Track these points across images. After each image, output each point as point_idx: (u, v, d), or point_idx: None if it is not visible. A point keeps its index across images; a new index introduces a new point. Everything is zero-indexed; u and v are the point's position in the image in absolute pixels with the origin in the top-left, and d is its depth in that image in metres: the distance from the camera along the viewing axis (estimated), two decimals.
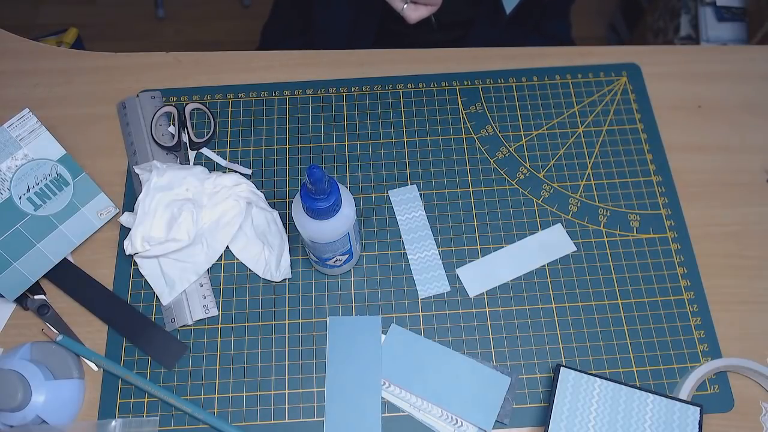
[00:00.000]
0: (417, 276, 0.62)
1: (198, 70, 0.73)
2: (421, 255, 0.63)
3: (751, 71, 0.73)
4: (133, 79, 0.72)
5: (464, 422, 0.56)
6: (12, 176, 0.59)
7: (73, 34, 1.47)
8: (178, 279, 0.61)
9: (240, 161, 0.68)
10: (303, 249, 0.63)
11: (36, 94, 0.72)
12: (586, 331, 0.59)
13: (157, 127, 0.68)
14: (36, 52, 0.75)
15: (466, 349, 0.59)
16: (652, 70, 0.72)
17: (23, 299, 0.61)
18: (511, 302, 0.61)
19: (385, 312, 0.60)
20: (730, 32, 1.33)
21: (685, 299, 0.61)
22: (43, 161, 0.61)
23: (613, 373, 0.58)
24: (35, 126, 0.60)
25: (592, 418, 0.53)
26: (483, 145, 0.68)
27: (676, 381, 0.57)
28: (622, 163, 0.67)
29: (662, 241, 0.63)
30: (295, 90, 0.72)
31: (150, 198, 0.61)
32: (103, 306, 0.61)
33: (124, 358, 0.59)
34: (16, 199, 0.59)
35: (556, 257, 0.62)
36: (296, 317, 0.60)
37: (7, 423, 0.54)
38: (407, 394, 0.57)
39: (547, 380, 0.58)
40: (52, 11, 1.80)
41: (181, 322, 0.60)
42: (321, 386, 0.58)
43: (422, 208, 0.65)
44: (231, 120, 0.70)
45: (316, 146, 0.68)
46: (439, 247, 0.63)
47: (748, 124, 0.70)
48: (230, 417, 0.57)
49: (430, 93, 0.71)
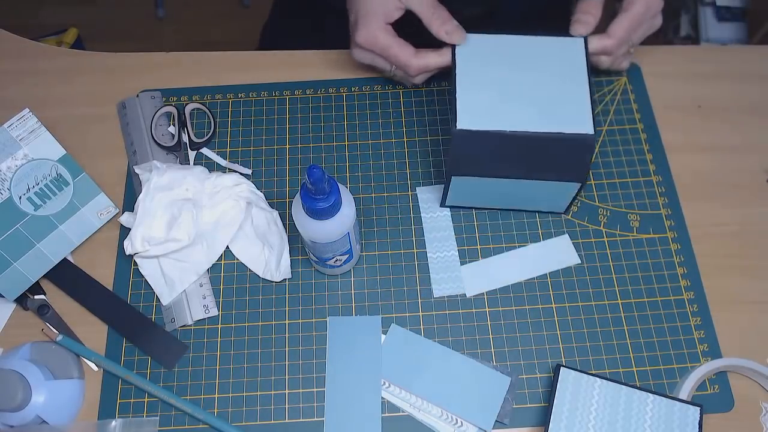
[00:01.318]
0: (434, 275, 0.62)
1: (198, 70, 0.73)
2: (441, 254, 0.63)
3: (751, 71, 0.73)
4: (133, 79, 0.72)
5: (464, 422, 0.56)
6: (12, 176, 0.59)
7: (73, 34, 1.47)
8: (178, 279, 0.61)
9: (240, 161, 0.68)
10: (303, 249, 0.63)
11: (36, 94, 0.72)
12: (586, 331, 0.59)
13: (157, 127, 0.69)
14: (36, 52, 0.75)
15: (466, 349, 0.59)
16: (652, 70, 0.72)
17: (23, 299, 0.61)
18: (511, 302, 0.61)
19: (385, 312, 0.60)
20: (730, 32, 1.33)
21: (685, 299, 0.61)
22: (43, 161, 0.61)
23: (613, 373, 0.58)
24: (35, 126, 0.60)
25: (592, 418, 0.53)
26: None
27: (676, 381, 0.57)
28: (622, 163, 0.67)
29: (662, 241, 0.63)
30: (295, 90, 0.72)
31: (150, 198, 0.61)
32: (103, 306, 0.61)
33: (124, 358, 0.59)
34: (16, 199, 0.59)
35: (559, 267, 0.62)
36: (296, 317, 0.60)
37: (7, 423, 0.54)
38: (407, 394, 0.57)
39: (547, 380, 0.58)
40: (52, 11, 1.81)
41: (181, 322, 0.60)
42: (321, 386, 0.58)
43: (448, 209, 0.65)
44: (231, 120, 0.70)
45: (316, 146, 0.68)
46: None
47: (748, 124, 0.70)
48: (230, 417, 0.57)
49: (431, 93, 0.71)
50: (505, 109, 0.56)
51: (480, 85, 0.57)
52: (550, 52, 0.59)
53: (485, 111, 0.56)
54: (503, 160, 0.56)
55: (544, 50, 0.59)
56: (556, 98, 0.57)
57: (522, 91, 0.57)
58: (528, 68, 0.58)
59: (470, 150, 0.56)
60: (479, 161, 0.57)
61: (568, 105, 0.57)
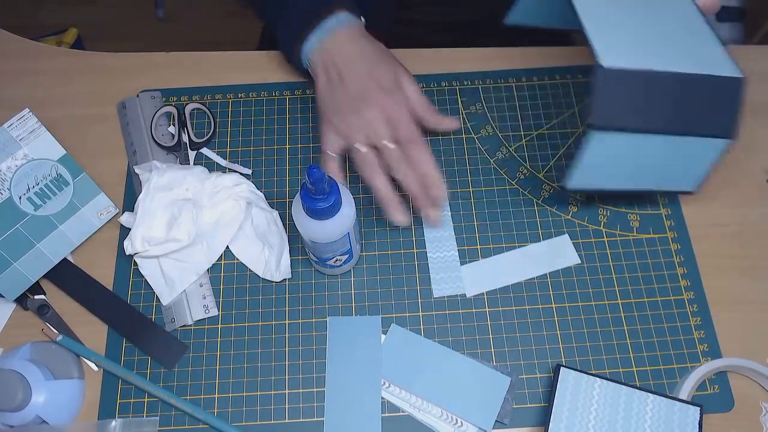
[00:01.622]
0: (434, 275, 0.62)
1: (198, 70, 0.73)
2: (441, 254, 0.63)
3: (751, 71, 0.73)
4: (133, 79, 0.72)
5: (464, 422, 0.56)
6: (12, 176, 0.59)
7: (73, 34, 1.47)
8: (178, 279, 0.61)
9: (240, 161, 0.68)
10: (303, 249, 0.63)
11: (36, 94, 0.72)
12: (586, 331, 0.59)
13: (157, 127, 0.68)
14: (36, 52, 0.75)
15: (466, 349, 0.59)
16: None
17: (23, 299, 0.61)
18: (511, 302, 0.61)
19: (385, 312, 0.60)
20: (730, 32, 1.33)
21: (685, 299, 0.61)
22: (43, 161, 0.61)
23: (613, 373, 0.58)
24: (35, 126, 0.60)
25: (592, 418, 0.53)
26: (483, 145, 0.68)
27: (676, 381, 0.57)
28: None
29: (662, 241, 0.63)
30: (295, 90, 0.72)
31: (150, 198, 0.61)
32: (103, 306, 0.61)
33: (124, 358, 0.59)
34: (16, 199, 0.59)
35: (559, 268, 0.62)
36: (296, 317, 0.60)
37: (7, 423, 0.54)
38: (407, 394, 0.57)
39: (547, 380, 0.58)
40: (52, 11, 1.80)
41: (181, 322, 0.60)
42: (321, 386, 0.58)
43: (448, 207, 0.65)
44: (231, 120, 0.70)
45: (316, 146, 0.68)
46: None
47: (748, 124, 0.69)
48: (230, 417, 0.57)
49: (430, 93, 0.71)
50: (643, 48, 0.48)
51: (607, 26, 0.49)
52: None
53: (624, 50, 0.48)
54: (649, 111, 0.48)
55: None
56: (689, 42, 0.49)
57: (652, 33, 0.49)
58: (648, 13, 0.51)
59: (617, 96, 0.47)
60: (626, 111, 0.48)
61: (704, 48, 0.49)
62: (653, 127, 0.48)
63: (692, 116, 0.49)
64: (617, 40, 0.49)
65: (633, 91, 0.48)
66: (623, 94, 0.48)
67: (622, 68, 0.47)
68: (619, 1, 0.51)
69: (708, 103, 0.49)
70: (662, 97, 0.48)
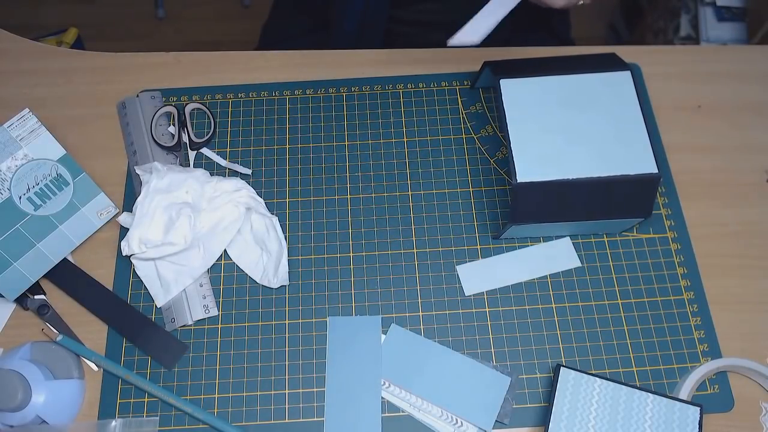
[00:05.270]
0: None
1: (198, 70, 0.73)
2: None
3: (751, 71, 0.73)
4: (133, 79, 0.72)
5: (464, 422, 0.56)
6: (12, 176, 0.59)
7: (73, 34, 1.47)
8: (174, 282, 0.61)
9: (240, 161, 0.68)
10: (302, 250, 0.63)
11: (36, 94, 0.72)
12: (586, 331, 0.59)
13: (157, 127, 0.68)
14: (36, 52, 0.75)
15: (466, 349, 0.59)
16: (652, 70, 0.72)
17: (23, 299, 0.61)
18: (511, 302, 0.61)
19: (385, 312, 0.60)
20: (730, 32, 1.33)
21: (685, 299, 0.61)
22: (43, 161, 0.61)
23: (613, 373, 0.58)
24: (35, 126, 0.60)
25: (592, 418, 0.53)
26: (483, 145, 0.68)
27: (676, 381, 0.57)
28: None
29: (662, 241, 0.63)
30: (295, 90, 0.72)
31: (149, 200, 0.61)
32: (103, 306, 0.61)
33: (124, 358, 0.59)
34: (16, 199, 0.59)
35: (559, 270, 0.62)
36: (296, 317, 0.60)
37: (7, 423, 0.54)
38: (407, 394, 0.57)
39: (547, 380, 0.58)
40: (52, 11, 1.80)
41: (181, 322, 0.60)
42: (321, 386, 0.58)
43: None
44: (231, 120, 0.70)
45: (316, 146, 0.68)
46: (439, 247, 0.63)
47: (748, 124, 0.70)
48: (230, 417, 0.57)
49: (430, 93, 0.71)
50: (562, 154, 0.55)
51: (533, 132, 0.56)
52: (597, 90, 0.57)
53: (543, 159, 0.55)
54: (566, 206, 0.56)
55: (590, 88, 0.58)
56: (613, 138, 0.56)
57: (576, 133, 0.56)
58: (578, 109, 0.57)
59: (532, 200, 0.56)
60: (542, 209, 0.56)
61: (626, 144, 0.55)
62: (570, 217, 0.58)
63: (608, 206, 0.57)
64: (536, 151, 0.56)
65: (547, 195, 0.56)
66: (538, 198, 0.56)
67: (534, 181, 0.55)
68: (549, 104, 0.57)
69: (624, 195, 0.56)
70: (578, 195, 0.56)
